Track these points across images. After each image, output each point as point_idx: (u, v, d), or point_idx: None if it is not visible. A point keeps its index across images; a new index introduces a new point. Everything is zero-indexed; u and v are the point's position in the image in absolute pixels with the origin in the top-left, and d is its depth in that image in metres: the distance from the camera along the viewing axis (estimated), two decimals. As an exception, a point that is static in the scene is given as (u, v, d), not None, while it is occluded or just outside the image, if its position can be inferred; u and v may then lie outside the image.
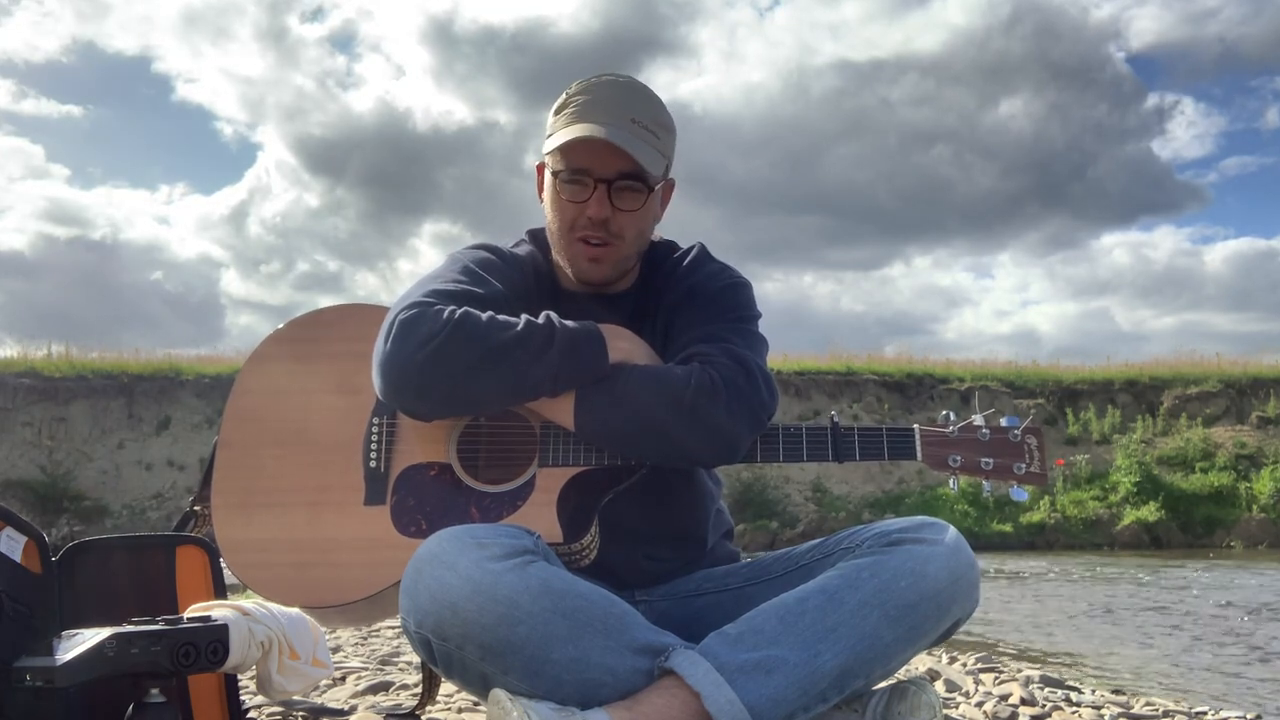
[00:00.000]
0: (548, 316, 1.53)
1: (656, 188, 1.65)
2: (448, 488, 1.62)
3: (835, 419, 1.61)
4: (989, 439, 1.63)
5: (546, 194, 1.68)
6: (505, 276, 1.67)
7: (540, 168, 1.70)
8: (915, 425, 1.62)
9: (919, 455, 1.59)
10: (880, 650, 1.41)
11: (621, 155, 1.57)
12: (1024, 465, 1.62)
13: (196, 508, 1.78)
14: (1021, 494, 1.62)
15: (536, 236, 1.78)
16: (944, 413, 1.67)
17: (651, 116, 1.62)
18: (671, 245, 1.79)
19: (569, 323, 1.53)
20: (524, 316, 1.53)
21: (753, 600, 1.48)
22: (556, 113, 1.65)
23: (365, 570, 1.59)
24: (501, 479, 1.61)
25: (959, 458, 1.61)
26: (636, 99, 1.63)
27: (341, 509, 1.67)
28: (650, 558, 1.68)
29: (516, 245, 1.78)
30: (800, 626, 1.40)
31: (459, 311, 1.49)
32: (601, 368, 1.51)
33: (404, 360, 1.47)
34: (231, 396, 1.78)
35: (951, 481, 1.62)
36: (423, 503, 1.62)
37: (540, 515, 1.54)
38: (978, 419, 1.65)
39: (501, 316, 1.52)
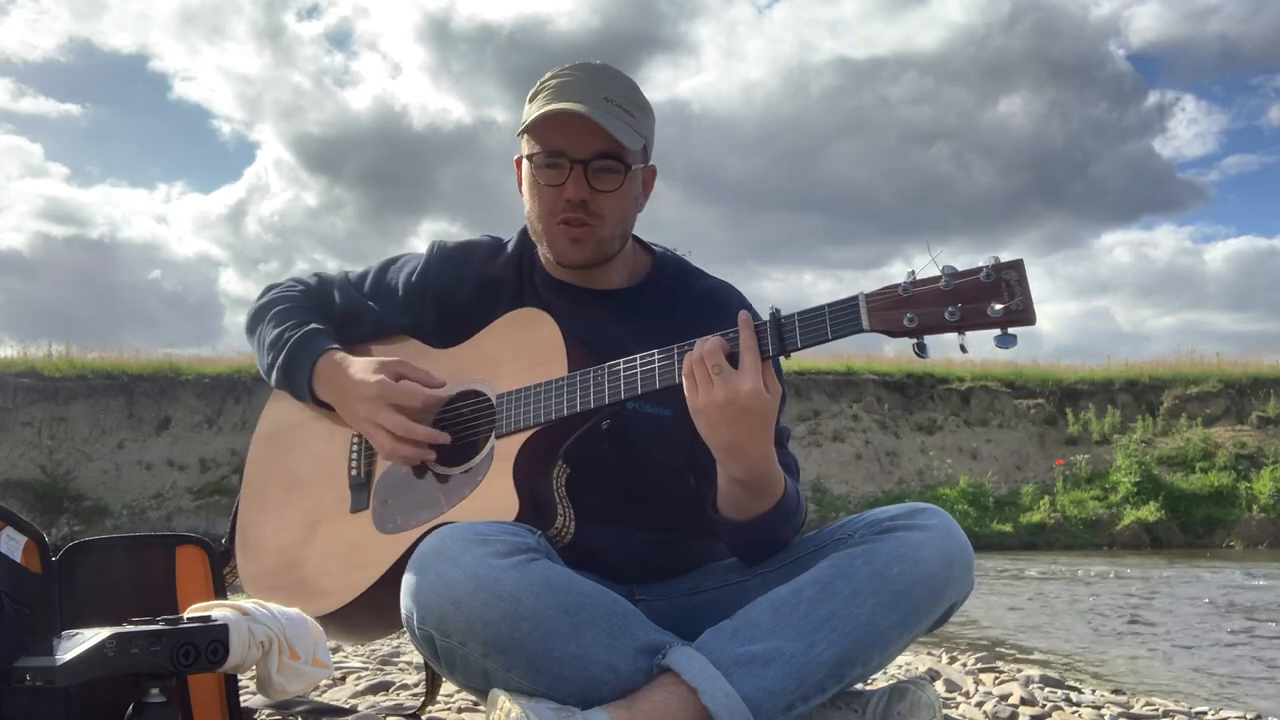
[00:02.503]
0: (296, 342, 1.73)
1: (635, 168, 1.64)
2: (419, 479, 1.65)
3: (776, 310, 1.41)
4: (953, 287, 1.30)
5: (525, 182, 1.68)
6: (431, 276, 1.78)
7: (519, 161, 1.70)
8: (861, 292, 1.36)
9: (865, 324, 1.33)
10: (876, 637, 1.41)
11: (597, 134, 1.57)
12: (1002, 304, 1.27)
13: (229, 546, 1.86)
14: (1008, 340, 1.28)
15: (526, 233, 1.79)
16: (909, 270, 1.35)
17: (625, 95, 1.62)
18: (678, 257, 1.82)
19: (300, 357, 1.73)
20: (303, 328, 1.75)
21: (751, 595, 1.48)
22: (531, 99, 1.66)
23: (352, 573, 1.62)
24: (466, 459, 1.62)
25: (915, 316, 1.31)
26: (610, 79, 1.63)
27: (333, 523, 1.71)
28: (640, 545, 1.67)
29: (509, 240, 1.81)
30: (795, 617, 1.40)
31: (279, 301, 1.82)
32: (299, 391, 1.75)
33: (252, 305, 1.87)
34: (252, 440, 1.91)
35: (917, 348, 1.33)
36: (399, 499, 1.65)
37: (498, 486, 1.54)
38: (934, 267, 1.33)
39: (295, 317, 1.78)
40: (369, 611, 1.63)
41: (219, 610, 1.59)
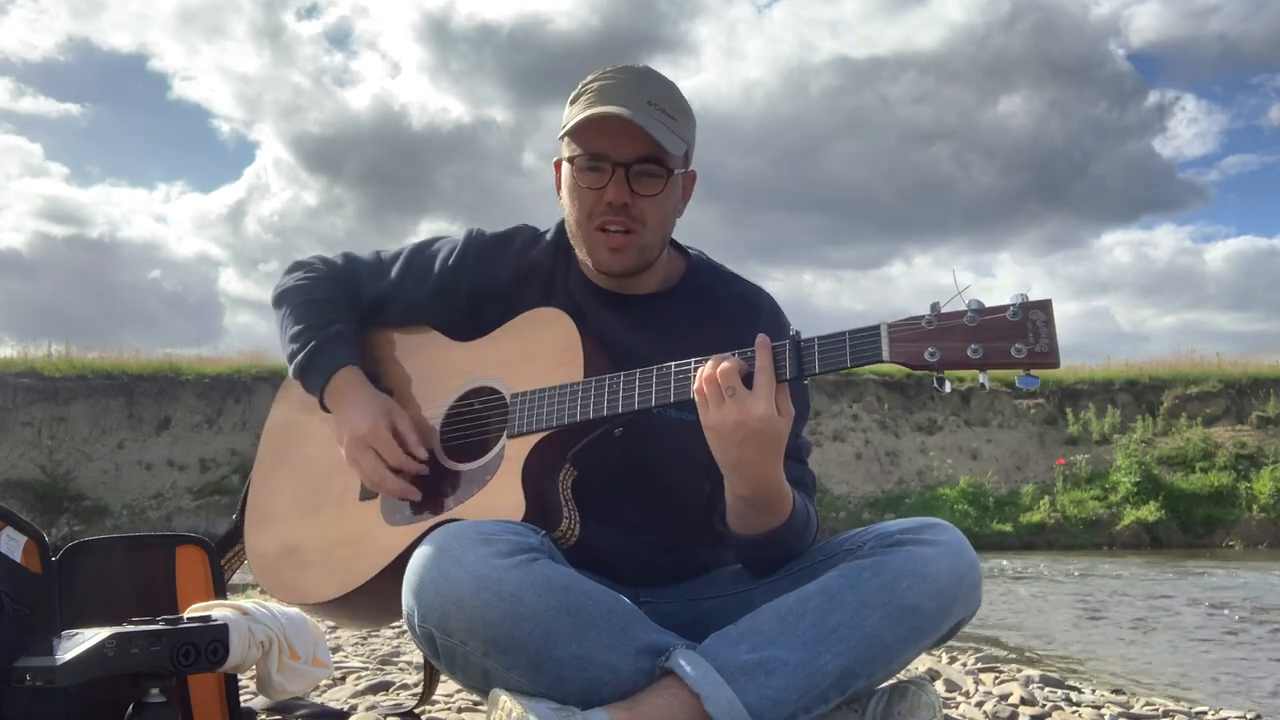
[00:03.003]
0: (316, 348, 1.73)
1: (676, 172, 1.63)
2: (429, 473, 1.65)
3: (796, 332, 1.40)
4: (978, 323, 1.28)
5: (564, 185, 1.67)
6: (469, 262, 1.76)
7: (558, 164, 1.69)
8: (883, 322, 1.33)
9: (885, 355, 1.31)
10: (881, 651, 1.41)
11: (639, 137, 1.56)
12: (1025, 346, 1.25)
13: (238, 522, 1.88)
14: (1030, 381, 1.27)
15: (563, 228, 1.78)
16: (933, 302, 1.33)
17: (668, 100, 1.61)
18: (712, 261, 1.81)
19: (320, 362, 1.72)
20: (325, 329, 1.74)
21: (758, 603, 1.48)
22: (572, 102, 1.65)
23: (357, 561, 1.63)
24: (476, 456, 1.63)
25: (936, 351, 1.29)
26: (652, 83, 1.62)
27: (339, 509, 1.73)
28: (648, 548, 1.67)
29: (546, 231, 1.80)
30: (801, 627, 1.40)
31: (304, 290, 1.80)
32: (312, 393, 1.75)
33: (280, 281, 1.86)
34: (270, 414, 1.93)
35: (937, 382, 1.32)
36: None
37: (507, 486, 1.54)
38: (962, 302, 1.31)
39: (319, 316, 1.77)
40: (370, 600, 1.63)
41: (219, 610, 1.60)
